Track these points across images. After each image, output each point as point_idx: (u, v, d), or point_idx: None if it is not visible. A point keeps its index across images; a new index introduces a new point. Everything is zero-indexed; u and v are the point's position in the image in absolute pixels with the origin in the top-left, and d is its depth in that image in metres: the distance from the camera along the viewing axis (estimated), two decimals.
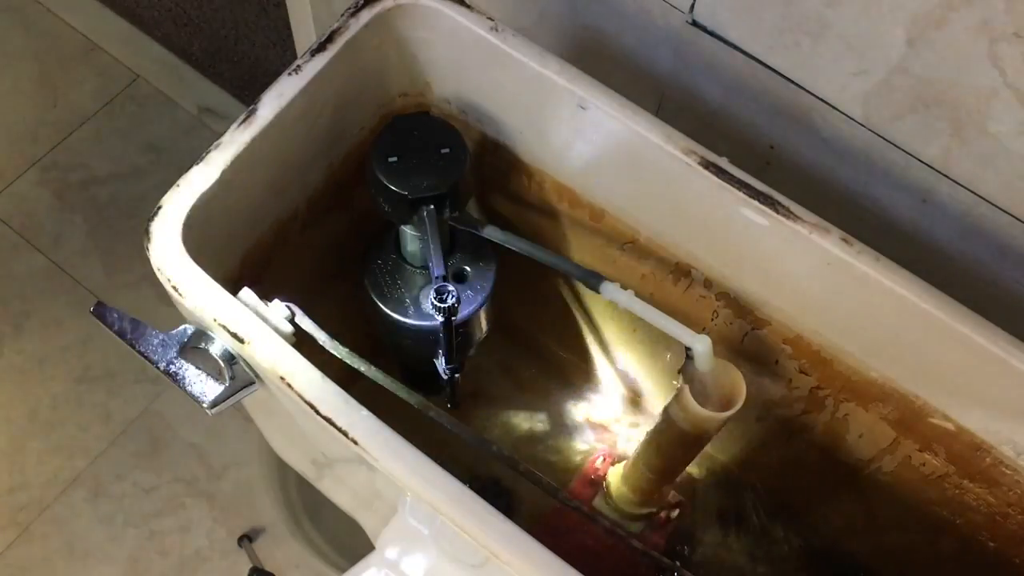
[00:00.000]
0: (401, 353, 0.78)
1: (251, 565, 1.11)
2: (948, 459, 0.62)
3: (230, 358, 0.51)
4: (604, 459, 0.84)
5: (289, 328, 0.53)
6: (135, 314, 0.51)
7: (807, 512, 0.82)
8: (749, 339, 0.66)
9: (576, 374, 0.90)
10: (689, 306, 0.68)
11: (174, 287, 0.50)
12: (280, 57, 1.22)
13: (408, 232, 0.65)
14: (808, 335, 0.62)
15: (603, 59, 0.69)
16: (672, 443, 0.67)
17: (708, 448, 0.70)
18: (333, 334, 0.55)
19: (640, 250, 0.67)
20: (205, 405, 0.51)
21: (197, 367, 0.51)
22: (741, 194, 0.55)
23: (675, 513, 0.82)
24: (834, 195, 0.64)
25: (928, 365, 0.57)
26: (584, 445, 0.89)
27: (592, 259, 0.71)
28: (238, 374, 0.51)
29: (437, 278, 0.60)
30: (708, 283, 0.65)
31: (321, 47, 0.57)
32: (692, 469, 0.84)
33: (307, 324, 0.55)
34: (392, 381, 0.54)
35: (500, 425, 0.90)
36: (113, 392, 1.23)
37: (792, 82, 0.60)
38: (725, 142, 0.66)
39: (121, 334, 0.51)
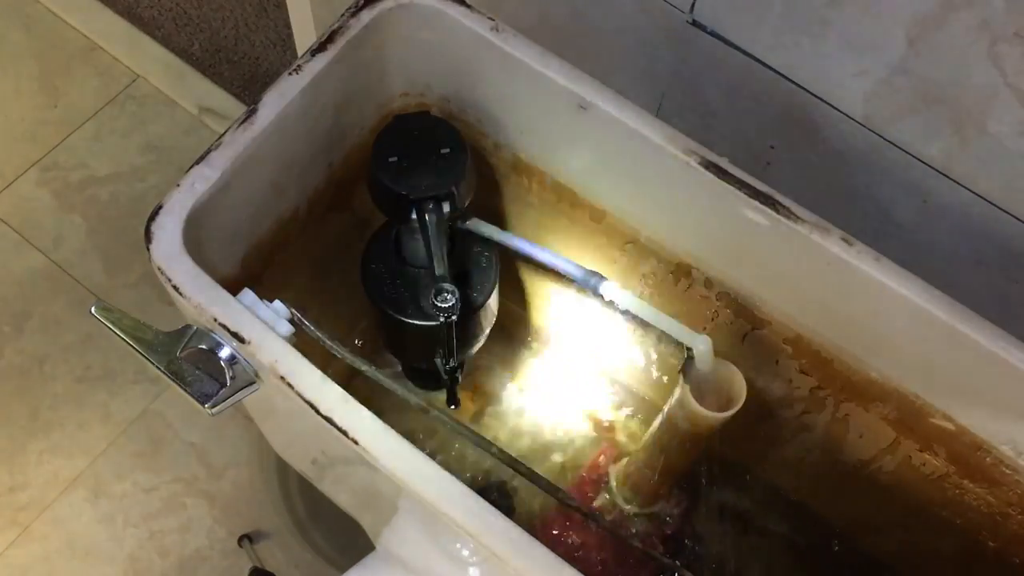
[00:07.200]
0: (401, 353, 0.78)
1: (251, 565, 1.11)
2: (948, 459, 0.62)
3: (230, 358, 0.51)
4: (605, 458, 0.84)
5: (289, 328, 0.53)
6: (135, 314, 0.51)
7: (807, 512, 0.82)
8: (749, 339, 0.66)
9: (577, 373, 0.90)
10: (689, 306, 0.68)
11: (174, 287, 0.50)
12: (280, 57, 1.22)
13: (408, 232, 0.65)
14: (808, 335, 0.62)
15: (603, 59, 0.69)
16: (673, 442, 0.67)
17: (708, 447, 0.70)
18: (333, 334, 0.55)
19: (640, 250, 0.67)
20: (205, 405, 0.51)
21: (197, 367, 0.51)
22: (741, 194, 0.55)
23: (676, 512, 0.82)
24: (834, 195, 0.64)
25: (928, 365, 0.57)
26: (585, 444, 0.89)
27: (592, 259, 0.71)
28: (238, 374, 0.51)
29: (437, 278, 0.60)
30: (708, 283, 0.65)
31: (321, 47, 0.57)
32: (692, 468, 0.84)
33: (307, 324, 0.55)
34: (392, 381, 0.54)
35: (500, 424, 0.90)
36: (113, 392, 1.23)
37: (792, 82, 0.59)
38: (725, 142, 0.66)
39: (121, 334, 0.51)
